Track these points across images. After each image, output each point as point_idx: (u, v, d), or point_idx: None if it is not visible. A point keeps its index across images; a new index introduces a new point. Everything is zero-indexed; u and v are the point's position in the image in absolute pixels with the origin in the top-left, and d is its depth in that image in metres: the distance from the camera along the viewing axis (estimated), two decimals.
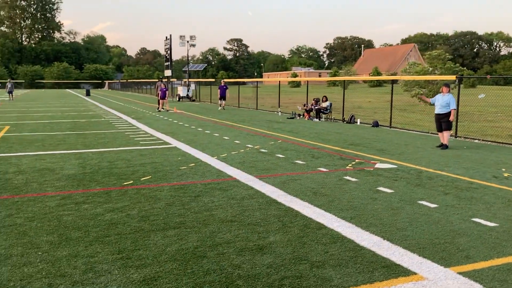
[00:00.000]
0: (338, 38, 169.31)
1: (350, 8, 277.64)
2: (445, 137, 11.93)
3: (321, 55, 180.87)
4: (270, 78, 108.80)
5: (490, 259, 4.50)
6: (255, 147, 11.92)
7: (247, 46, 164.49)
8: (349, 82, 68.39)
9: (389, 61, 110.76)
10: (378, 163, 9.60)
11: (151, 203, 6.43)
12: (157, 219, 5.70)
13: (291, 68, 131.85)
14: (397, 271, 4.19)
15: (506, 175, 8.54)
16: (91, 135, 14.44)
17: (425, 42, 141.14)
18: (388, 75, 69.50)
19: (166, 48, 44.79)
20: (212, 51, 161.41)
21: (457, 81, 15.25)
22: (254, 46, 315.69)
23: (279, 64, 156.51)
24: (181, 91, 41.20)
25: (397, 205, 6.41)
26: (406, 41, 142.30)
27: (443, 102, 11.90)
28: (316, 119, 20.77)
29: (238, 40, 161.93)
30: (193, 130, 16.16)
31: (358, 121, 19.20)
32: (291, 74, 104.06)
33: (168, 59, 44.77)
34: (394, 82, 20.25)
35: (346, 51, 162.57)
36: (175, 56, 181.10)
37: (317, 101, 21.45)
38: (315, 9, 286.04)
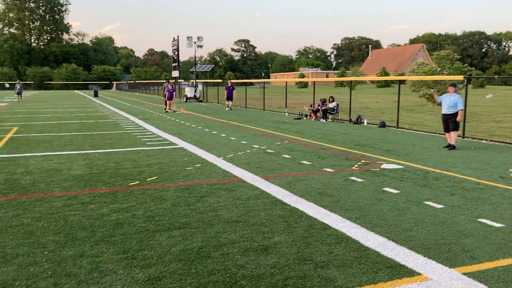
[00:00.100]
0: (345, 38, 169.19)
1: (358, 8, 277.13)
2: (452, 137, 11.86)
3: (328, 55, 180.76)
4: (278, 79, 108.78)
5: (495, 259, 4.47)
6: (262, 147, 11.93)
7: (255, 47, 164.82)
8: (357, 82, 68.32)
9: (397, 62, 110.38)
10: (384, 164, 9.57)
11: (156, 204, 6.46)
12: (162, 220, 5.73)
13: (299, 68, 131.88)
14: (401, 272, 4.18)
15: None
16: (99, 136, 14.53)
17: (433, 42, 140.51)
18: (395, 76, 69.17)
19: (174, 49, 44.94)
20: (220, 52, 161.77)
21: (465, 81, 15.16)
22: (262, 47, 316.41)
23: (287, 64, 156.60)
24: (188, 92, 41.31)
25: (403, 205, 6.39)
26: (414, 41, 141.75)
27: (450, 103, 11.83)
28: (322, 120, 20.74)
29: (245, 41, 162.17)
30: (200, 130, 16.20)
31: (365, 122, 19.15)
32: (298, 74, 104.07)
33: (176, 60, 44.90)
34: (401, 82, 20.17)
35: (354, 51, 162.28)
36: (182, 57, 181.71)
37: (323, 102, 21.43)
38: (323, 10, 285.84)
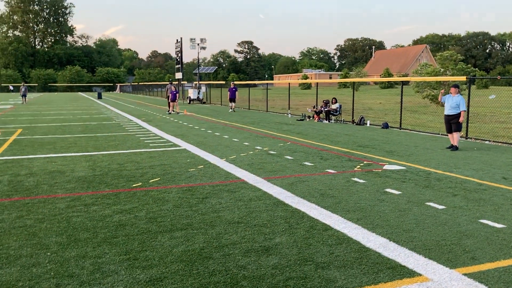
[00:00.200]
0: (349, 39, 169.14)
1: (361, 9, 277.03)
2: (455, 138, 11.85)
3: (331, 57, 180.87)
4: (281, 80, 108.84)
5: (496, 260, 4.48)
6: (264, 149, 11.95)
7: (258, 49, 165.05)
8: (360, 83, 68.24)
9: (401, 62, 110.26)
10: (386, 165, 9.58)
11: (159, 205, 6.49)
12: (164, 221, 5.76)
13: (302, 70, 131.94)
14: (402, 272, 4.19)
15: None
16: (102, 138, 14.59)
17: (437, 43, 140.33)
18: (399, 77, 69.07)
19: (177, 51, 45.05)
20: (223, 53, 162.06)
21: (468, 82, 15.13)
22: (265, 49, 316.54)
23: (290, 66, 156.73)
24: (191, 93, 41.37)
25: (405, 206, 6.40)
26: (417, 42, 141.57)
27: (453, 103, 11.81)
28: (325, 121, 20.75)
29: (249, 42, 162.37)
30: (203, 132, 16.24)
31: (367, 123, 19.14)
32: (301, 76, 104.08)
33: (179, 62, 45.01)
34: (405, 83, 20.15)
35: (357, 52, 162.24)
36: (186, 58, 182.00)
37: (326, 103, 21.44)
38: (326, 11, 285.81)
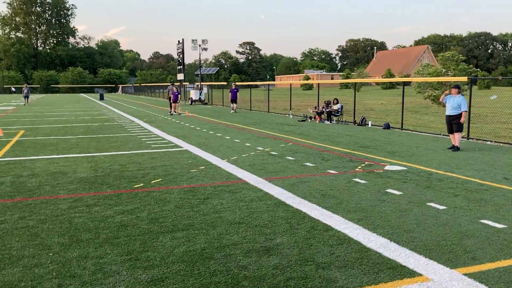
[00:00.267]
0: (350, 40, 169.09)
1: (363, 10, 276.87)
2: (456, 139, 11.85)
3: (333, 57, 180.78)
4: (283, 81, 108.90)
5: (496, 260, 4.49)
6: (266, 149, 11.97)
7: (260, 49, 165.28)
8: (362, 84, 68.23)
9: (402, 63, 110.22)
10: (388, 165, 9.58)
11: (160, 206, 6.52)
12: (165, 221, 5.78)
13: (304, 70, 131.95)
14: (402, 273, 4.20)
15: None
16: (104, 139, 14.62)
17: (438, 44, 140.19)
18: (400, 77, 69.00)
19: (179, 52, 45.11)
20: (225, 54, 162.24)
21: (469, 82, 15.13)
22: (267, 49, 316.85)
23: (292, 67, 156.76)
24: (193, 94, 41.42)
25: (406, 207, 6.41)
26: (419, 42, 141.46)
27: (454, 104, 11.81)
28: (327, 122, 20.76)
29: (250, 43, 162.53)
30: (205, 133, 16.27)
31: (369, 123, 19.15)
32: (303, 76, 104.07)
33: (181, 63, 45.08)
34: (406, 84, 20.15)
35: (359, 53, 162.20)
36: (188, 59, 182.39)
37: (328, 104, 21.45)
38: (327, 12, 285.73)
